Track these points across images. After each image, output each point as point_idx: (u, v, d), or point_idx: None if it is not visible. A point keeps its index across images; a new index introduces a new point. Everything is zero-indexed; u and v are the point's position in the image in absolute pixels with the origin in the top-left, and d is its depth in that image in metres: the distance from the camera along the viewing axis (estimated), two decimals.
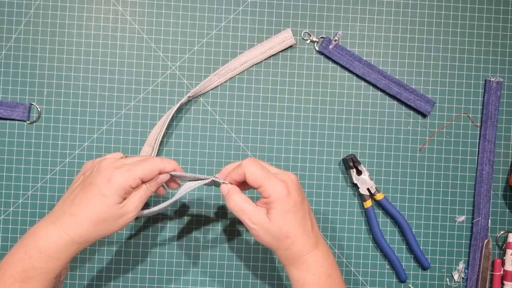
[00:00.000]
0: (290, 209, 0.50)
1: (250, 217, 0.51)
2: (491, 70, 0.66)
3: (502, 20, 0.66)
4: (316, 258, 0.52)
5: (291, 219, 0.51)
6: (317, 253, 0.52)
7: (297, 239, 0.51)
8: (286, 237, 0.51)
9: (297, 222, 0.51)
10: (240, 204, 0.52)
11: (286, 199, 0.50)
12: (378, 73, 0.65)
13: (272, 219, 0.50)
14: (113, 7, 0.65)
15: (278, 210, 0.50)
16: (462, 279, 0.66)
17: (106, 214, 0.50)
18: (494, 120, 0.66)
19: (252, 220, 0.51)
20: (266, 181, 0.51)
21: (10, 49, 0.64)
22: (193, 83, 0.65)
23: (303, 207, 0.52)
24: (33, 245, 0.49)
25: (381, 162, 0.66)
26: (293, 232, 0.51)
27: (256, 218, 0.51)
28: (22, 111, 0.64)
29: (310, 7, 0.66)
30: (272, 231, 0.51)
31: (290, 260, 0.52)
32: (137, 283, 0.64)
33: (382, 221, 0.66)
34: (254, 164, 0.52)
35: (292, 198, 0.51)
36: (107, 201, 0.49)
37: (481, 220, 0.66)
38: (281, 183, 0.51)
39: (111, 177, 0.50)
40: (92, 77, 0.65)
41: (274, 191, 0.50)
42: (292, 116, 0.65)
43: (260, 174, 0.51)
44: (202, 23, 0.65)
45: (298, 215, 0.51)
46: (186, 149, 0.65)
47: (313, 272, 0.52)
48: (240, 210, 0.51)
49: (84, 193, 0.50)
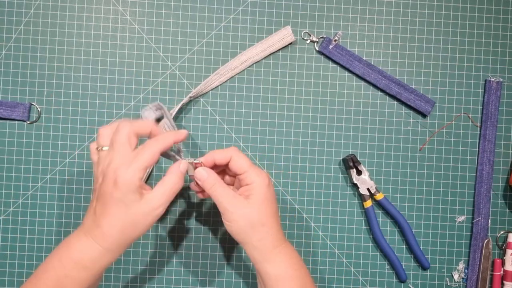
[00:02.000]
0: (268, 198, 0.53)
1: (228, 200, 0.52)
2: (491, 70, 0.66)
3: (502, 20, 0.66)
4: (290, 249, 0.54)
5: (268, 207, 0.53)
6: (286, 247, 0.54)
7: (271, 229, 0.52)
8: (262, 224, 0.52)
9: (272, 212, 0.53)
10: (220, 187, 0.52)
11: (266, 188, 0.53)
12: (378, 73, 0.65)
13: (251, 204, 0.52)
14: (113, 7, 0.65)
15: (258, 197, 0.52)
16: (462, 279, 0.66)
17: (130, 217, 0.48)
18: (494, 120, 0.66)
19: (230, 203, 0.52)
20: (250, 168, 0.53)
21: (10, 49, 0.64)
22: (193, 83, 0.65)
23: (276, 203, 0.55)
24: (67, 255, 0.49)
25: (381, 162, 0.66)
26: (269, 220, 0.52)
27: (234, 201, 0.52)
28: (22, 111, 0.64)
29: (310, 7, 0.66)
30: (249, 215, 0.52)
31: (264, 254, 0.52)
32: (136, 283, 0.64)
33: (382, 221, 0.66)
34: (240, 152, 0.54)
35: (270, 189, 0.53)
36: (124, 203, 0.48)
37: (481, 220, 0.66)
38: (263, 173, 0.54)
39: (116, 179, 0.48)
40: (92, 77, 0.65)
41: (257, 178, 0.52)
42: (292, 116, 0.65)
43: (245, 161, 0.53)
44: (202, 23, 0.65)
45: (273, 206, 0.54)
46: (186, 149, 0.65)
47: (289, 263, 0.53)
48: (219, 194, 0.52)
49: (101, 203, 0.49)
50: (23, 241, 0.64)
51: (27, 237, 0.64)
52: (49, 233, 0.64)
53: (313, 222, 0.65)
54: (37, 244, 0.64)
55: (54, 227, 0.64)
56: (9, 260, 0.64)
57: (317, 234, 0.65)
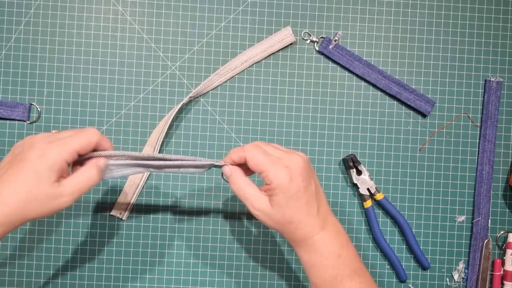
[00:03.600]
0: (292, 196, 0.49)
1: (252, 203, 0.50)
2: (491, 70, 0.66)
3: (502, 20, 0.66)
4: (324, 240, 0.51)
5: (294, 205, 0.50)
6: (324, 234, 0.51)
7: (300, 224, 0.50)
8: (290, 222, 0.50)
9: (299, 208, 0.50)
10: (244, 189, 0.51)
11: (288, 185, 0.49)
12: (378, 73, 0.65)
13: (274, 205, 0.50)
14: (113, 7, 0.65)
15: (280, 197, 0.49)
16: (462, 279, 0.66)
17: (37, 192, 0.46)
18: (494, 120, 0.66)
19: (254, 206, 0.50)
20: (268, 167, 0.49)
21: (10, 49, 0.64)
22: (193, 83, 0.65)
23: (308, 191, 0.50)
24: None
25: (381, 162, 0.66)
26: (296, 217, 0.50)
27: (258, 204, 0.50)
28: (22, 111, 0.64)
29: (310, 7, 0.66)
30: (274, 217, 0.50)
31: (297, 243, 0.51)
32: (137, 283, 0.64)
33: (382, 221, 0.66)
34: (257, 149, 0.50)
35: (294, 185, 0.49)
36: (40, 177, 0.45)
37: (481, 220, 0.66)
38: (283, 169, 0.49)
39: (45, 152, 0.46)
40: (92, 77, 0.64)
41: (275, 177, 0.49)
42: (292, 116, 0.65)
43: (262, 159, 0.49)
44: (202, 23, 0.65)
45: (301, 201, 0.50)
46: (186, 149, 0.65)
47: (321, 254, 0.51)
48: (243, 194, 0.51)
49: (13, 170, 0.46)
50: (23, 241, 0.64)
51: (27, 237, 0.64)
52: (49, 233, 0.64)
53: None
54: (37, 244, 0.64)
55: (54, 227, 0.64)
56: (9, 260, 0.64)
57: None
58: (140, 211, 0.65)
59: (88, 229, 0.64)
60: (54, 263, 0.64)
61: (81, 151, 0.48)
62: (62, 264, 0.64)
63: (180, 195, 0.65)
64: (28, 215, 0.46)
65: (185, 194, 0.65)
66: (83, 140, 0.48)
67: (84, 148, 0.48)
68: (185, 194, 0.65)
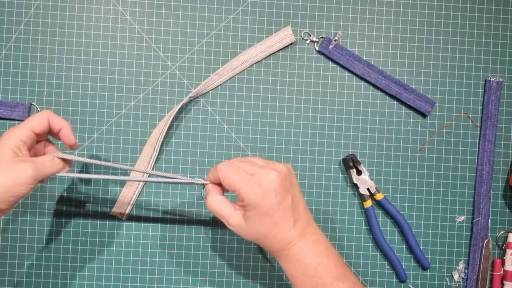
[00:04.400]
0: (265, 212, 0.49)
1: (227, 219, 0.52)
2: (491, 70, 0.66)
3: (502, 20, 0.66)
4: (301, 250, 0.51)
5: (267, 221, 0.50)
6: (301, 244, 0.51)
7: (275, 239, 0.51)
8: (264, 237, 0.51)
9: (273, 223, 0.50)
10: (217, 206, 0.52)
11: (260, 203, 0.49)
12: (378, 73, 0.65)
13: (248, 221, 0.50)
14: (113, 7, 0.65)
15: (253, 214, 0.50)
16: (462, 279, 0.66)
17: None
18: (494, 120, 0.66)
19: (229, 222, 0.52)
20: (239, 186, 0.49)
21: (10, 49, 0.64)
22: (193, 83, 0.65)
23: (283, 206, 0.50)
24: None
25: (381, 162, 0.66)
26: (270, 233, 0.51)
27: (232, 220, 0.51)
28: (22, 111, 0.64)
29: (310, 7, 0.66)
30: (248, 232, 0.51)
31: (275, 253, 0.52)
32: (137, 283, 0.64)
33: (382, 221, 0.66)
34: (229, 168, 0.51)
35: (267, 202, 0.49)
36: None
37: (481, 220, 0.66)
38: (255, 187, 0.49)
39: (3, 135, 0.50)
40: (92, 77, 0.65)
41: (247, 196, 0.49)
42: (292, 116, 0.65)
43: (234, 179, 0.50)
44: (202, 23, 0.65)
45: (274, 216, 0.50)
46: (186, 149, 0.65)
47: (298, 264, 0.51)
48: (218, 211, 0.52)
49: None
50: (23, 241, 0.64)
51: (27, 237, 0.64)
52: (48, 233, 0.64)
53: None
54: (37, 244, 0.64)
55: (54, 227, 0.64)
56: (9, 260, 0.64)
57: None
58: (140, 211, 0.65)
59: (88, 229, 0.64)
60: (54, 263, 0.64)
61: (35, 128, 0.51)
62: (62, 264, 0.64)
63: (180, 195, 0.65)
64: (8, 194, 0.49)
65: (185, 194, 0.65)
66: (35, 118, 0.51)
67: (37, 125, 0.51)
68: (185, 194, 0.65)
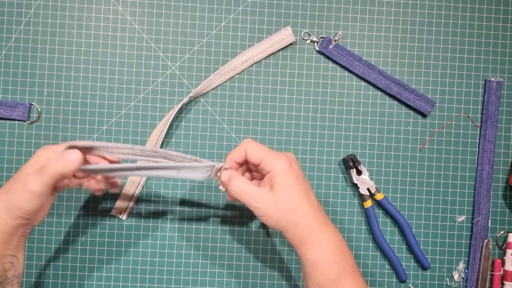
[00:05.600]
0: (293, 181, 0.50)
1: (254, 197, 0.50)
2: (491, 70, 0.66)
3: (502, 20, 0.66)
4: (327, 235, 0.51)
5: (296, 190, 0.50)
6: (327, 229, 0.51)
7: (305, 212, 0.50)
8: (294, 209, 0.50)
9: (302, 194, 0.50)
10: (243, 186, 0.51)
11: (288, 170, 0.50)
12: (378, 73, 0.65)
13: (277, 193, 0.50)
14: (113, 7, 0.65)
15: (282, 183, 0.50)
16: (462, 279, 0.66)
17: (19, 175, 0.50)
18: (494, 120, 0.66)
19: (256, 200, 0.50)
20: (267, 155, 0.51)
21: (10, 49, 0.64)
22: (193, 83, 0.65)
23: (306, 182, 0.52)
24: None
25: (381, 162, 0.66)
26: (300, 204, 0.50)
27: (260, 196, 0.50)
28: (22, 111, 0.64)
29: (310, 7, 0.66)
30: (278, 205, 0.50)
31: (301, 239, 0.51)
32: (136, 283, 0.64)
33: (382, 221, 0.66)
34: (254, 142, 0.53)
35: (293, 170, 0.51)
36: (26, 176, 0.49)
37: (481, 220, 0.66)
38: (282, 156, 0.51)
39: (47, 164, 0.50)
40: (92, 77, 0.65)
41: (276, 163, 0.50)
42: (292, 116, 0.65)
43: (261, 149, 0.52)
44: (202, 23, 0.65)
45: (302, 187, 0.51)
46: (186, 149, 0.65)
47: (326, 249, 0.50)
48: (243, 192, 0.51)
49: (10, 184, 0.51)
50: None
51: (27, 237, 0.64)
52: (48, 233, 0.64)
53: None
54: (37, 244, 0.64)
55: (54, 227, 0.64)
56: None
57: None
58: (140, 211, 0.65)
59: (88, 229, 0.64)
60: (54, 263, 0.64)
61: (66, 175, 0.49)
62: (62, 264, 0.64)
63: (180, 195, 0.65)
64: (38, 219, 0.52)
65: (185, 193, 0.65)
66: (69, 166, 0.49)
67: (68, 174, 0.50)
68: (185, 194, 0.65)
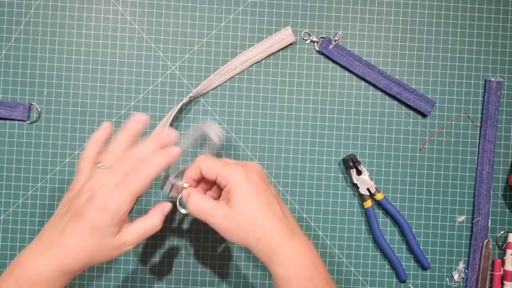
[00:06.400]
0: (251, 193, 0.47)
1: (209, 213, 0.48)
2: (491, 70, 0.66)
3: (502, 20, 0.67)
4: (296, 249, 0.48)
5: (255, 202, 0.47)
6: (295, 243, 0.48)
7: (267, 225, 0.47)
8: (253, 224, 0.47)
9: (262, 205, 0.47)
10: (199, 203, 0.49)
11: (245, 181, 0.47)
12: (378, 73, 0.65)
13: (234, 206, 0.47)
14: (113, 7, 0.65)
15: (239, 196, 0.47)
16: (462, 279, 0.66)
17: (100, 247, 0.46)
18: (494, 120, 0.66)
19: (212, 215, 0.48)
20: (221, 169, 0.48)
21: (10, 49, 0.64)
22: (193, 83, 0.65)
23: (267, 192, 0.48)
24: (23, 276, 0.45)
25: (381, 162, 0.66)
26: (261, 216, 0.47)
27: (215, 212, 0.48)
28: (22, 111, 0.64)
29: (310, 7, 0.66)
30: (236, 219, 0.47)
31: (269, 254, 0.48)
32: (137, 283, 0.64)
33: (382, 221, 0.66)
34: (208, 157, 0.51)
35: (252, 181, 0.48)
36: (101, 233, 0.46)
37: (481, 220, 0.66)
38: (238, 167, 0.48)
39: (105, 205, 0.46)
40: (92, 77, 0.65)
41: (231, 176, 0.48)
42: (292, 116, 0.65)
43: (215, 163, 0.49)
44: (202, 23, 0.65)
45: (261, 198, 0.47)
46: (186, 149, 0.65)
47: (296, 265, 0.47)
48: (200, 209, 0.49)
49: (74, 224, 0.46)
50: (23, 241, 0.64)
51: (27, 237, 0.64)
52: None
53: (313, 222, 0.65)
54: None
55: None
56: (9, 260, 0.64)
57: (317, 234, 0.65)
58: (140, 211, 0.65)
59: None
60: None
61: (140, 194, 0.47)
62: None
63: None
64: (91, 263, 0.47)
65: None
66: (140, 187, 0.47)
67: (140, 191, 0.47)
68: None
